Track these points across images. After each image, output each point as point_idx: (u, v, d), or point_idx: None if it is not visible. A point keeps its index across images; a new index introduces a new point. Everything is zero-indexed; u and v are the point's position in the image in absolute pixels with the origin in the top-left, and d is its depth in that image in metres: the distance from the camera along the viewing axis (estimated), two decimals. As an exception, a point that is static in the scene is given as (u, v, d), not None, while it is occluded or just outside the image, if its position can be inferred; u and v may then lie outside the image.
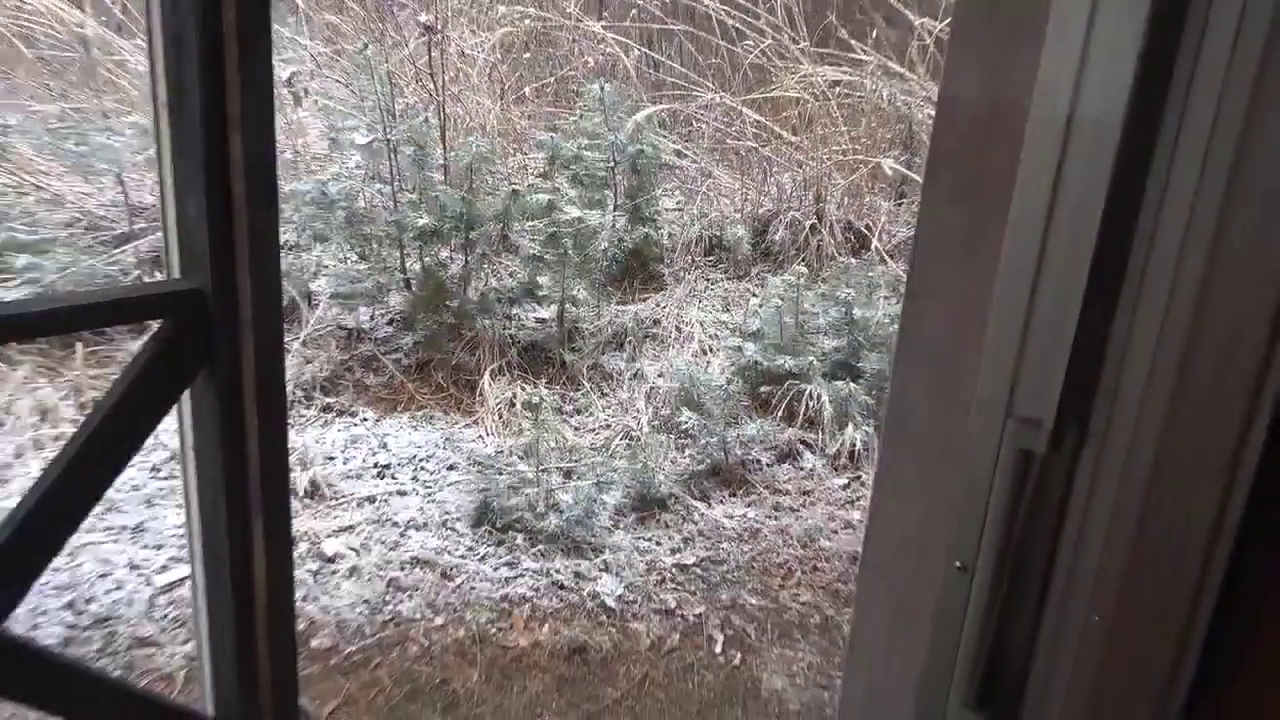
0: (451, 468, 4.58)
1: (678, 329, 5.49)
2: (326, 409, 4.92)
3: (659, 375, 5.17)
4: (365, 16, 6.77)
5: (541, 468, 4.24)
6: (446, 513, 4.22)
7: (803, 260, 5.85)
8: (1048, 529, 0.72)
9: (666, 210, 6.22)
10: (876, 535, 0.85)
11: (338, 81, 6.60)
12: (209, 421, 1.80)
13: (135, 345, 4.74)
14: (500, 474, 4.26)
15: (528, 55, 7.32)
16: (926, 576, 0.81)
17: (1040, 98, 0.66)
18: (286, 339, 5.17)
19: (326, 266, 5.78)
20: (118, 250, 5.14)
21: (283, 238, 5.60)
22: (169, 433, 4.46)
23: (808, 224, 6.00)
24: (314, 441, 4.64)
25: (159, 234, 4.02)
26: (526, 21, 7.25)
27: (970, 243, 0.75)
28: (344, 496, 4.32)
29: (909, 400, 0.83)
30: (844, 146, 6.41)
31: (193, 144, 1.64)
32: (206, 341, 1.79)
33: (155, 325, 1.75)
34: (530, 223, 5.40)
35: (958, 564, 0.77)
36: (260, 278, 1.83)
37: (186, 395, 1.79)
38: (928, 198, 0.76)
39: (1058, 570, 0.73)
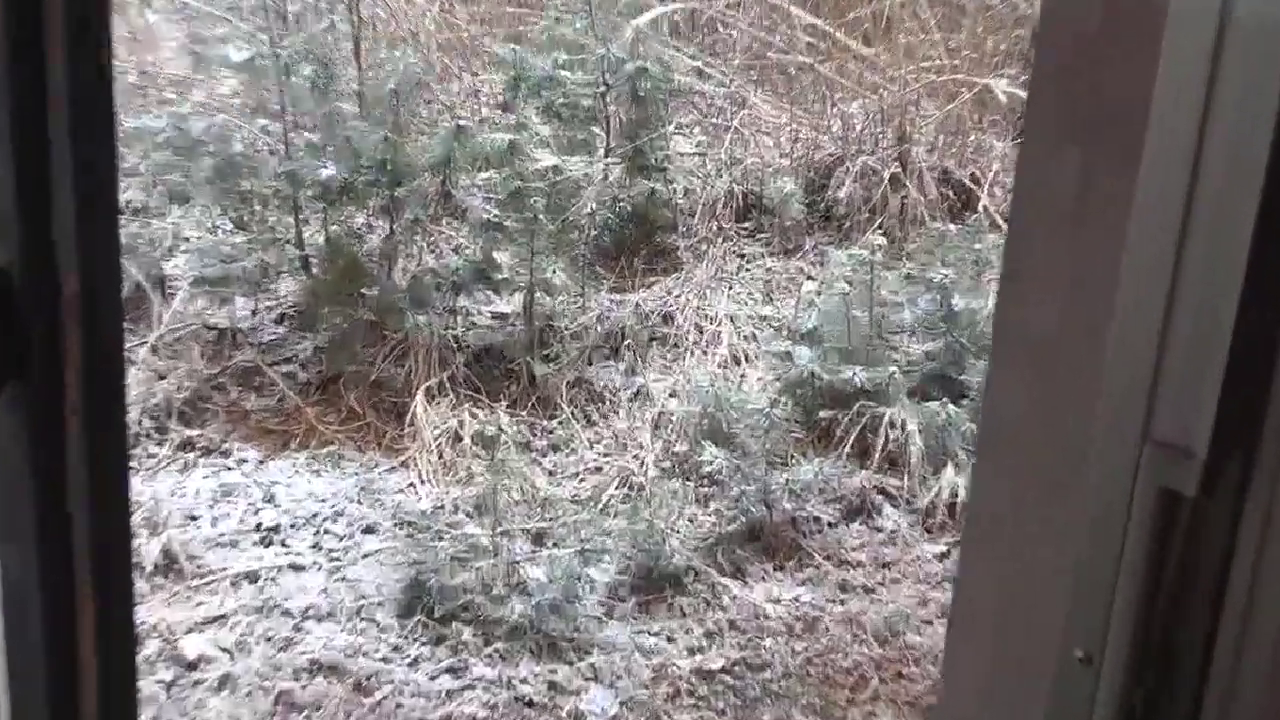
0: (369, 530, 4.61)
1: (698, 328, 5.52)
2: (187, 445, 4.96)
3: (671, 395, 5.20)
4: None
5: (501, 530, 4.27)
6: (362, 596, 4.25)
7: (879, 227, 5.88)
8: (1203, 605, 0.74)
9: (682, 156, 6.26)
10: (965, 607, 0.88)
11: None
12: (15, 459, 1.83)
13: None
14: (440, 539, 4.29)
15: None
16: (1035, 667, 0.82)
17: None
18: (129, 343, 5.22)
19: (188, 238, 5.84)
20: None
21: (123, 196, 5.67)
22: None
23: (886, 174, 6.03)
24: (169, 493, 4.68)
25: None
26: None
27: (1084, 199, 0.77)
28: (212, 572, 4.35)
29: (1007, 418, 0.85)
30: (938, 62, 6.45)
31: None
32: (14, 343, 1.82)
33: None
34: (484, 174, 5.44)
35: (1078, 654, 0.78)
36: (92, 251, 1.87)
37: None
38: (1030, 138, 0.78)
39: (1217, 664, 0.74)
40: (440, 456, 4.85)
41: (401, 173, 5.02)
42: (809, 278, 5.79)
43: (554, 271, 5.16)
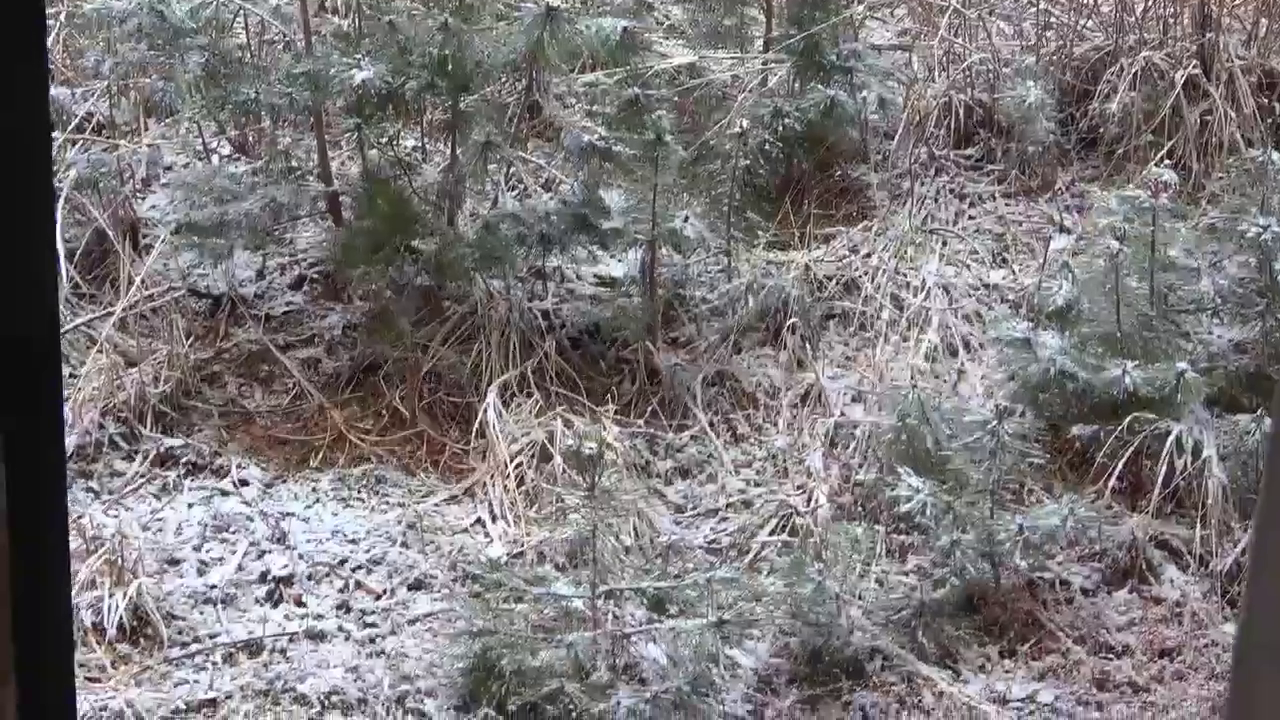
0: (418, 585, 4.68)
1: (896, 301, 5.50)
2: (166, 459, 5.08)
3: (854, 399, 5.18)
4: None
5: (604, 589, 4.31)
6: (406, 678, 4.31)
7: (1167, 156, 5.79)
8: None
9: (875, 50, 6.23)
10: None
11: None
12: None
13: None
14: (518, 601, 4.34)
15: None
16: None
17: None
18: (85, 315, 5.37)
19: (169, 167, 5.99)
20: None
21: (79, 107, 5.84)
22: None
23: (1179, 77, 5.94)
24: (140, 526, 4.81)
25: None
26: None
27: None
28: (199, 640, 4.46)
29: None
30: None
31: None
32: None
33: None
34: (586, 77, 5.48)
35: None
36: (16, 183, 1.95)
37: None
38: None
39: None
40: (520, 482, 4.90)
41: (468, 75, 5.07)
42: (1061, 229, 5.73)
43: (686, 219, 5.18)
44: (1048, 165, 5.96)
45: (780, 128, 5.66)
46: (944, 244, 5.73)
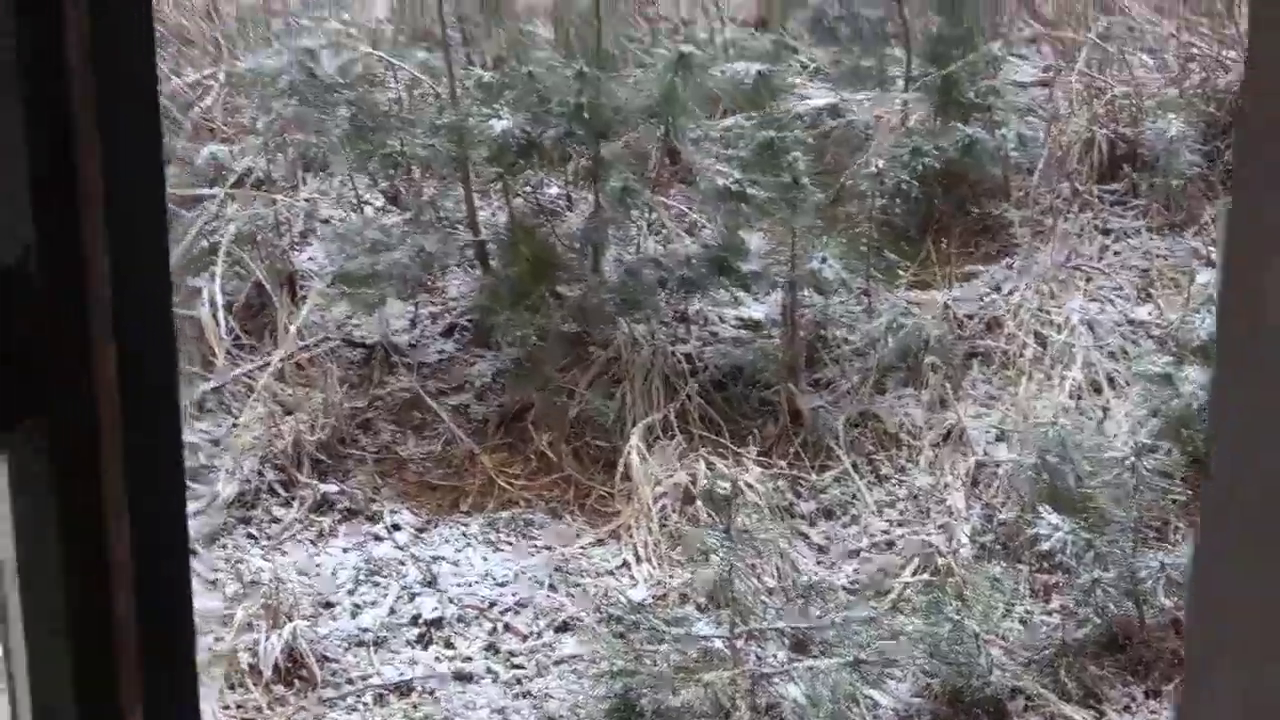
0: (564, 628, 4.75)
1: (1039, 339, 5.47)
2: (322, 505, 5.21)
3: (996, 438, 5.17)
4: None
5: (743, 629, 4.35)
6: (552, 718, 4.36)
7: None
8: None
9: (1015, 86, 6.21)
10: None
11: None
12: (38, 521, 2.01)
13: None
14: (661, 641, 4.38)
15: None
16: None
17: None
18: (245, 365, 5.53)
19: (327, 220, 6.14)
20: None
21: (239, 163, 6.02)
22: None
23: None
24: (297, 571, 4.93)
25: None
26: None
27: None
28: (350, 681, 4.56)
29: (1228, 529, 0.87)
30: None
31: None
32: (31, 367, 2.00)
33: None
34: (724, 121, 5.53)
35: None
36: (130, 241, 2.04)
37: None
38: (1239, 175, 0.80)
39: None
40: (663, 524, 4.96)
41: (606, 122, 5.15)
42: (1207, 263, 5.67)
43: (824, 260, 5.21)
44: (1192, 199, 5.90)
45: (919, 167, 5.66)
46: (1088, 280, 5.69)
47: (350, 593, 4.88)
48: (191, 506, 5.10)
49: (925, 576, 4.76)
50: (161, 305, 2.23)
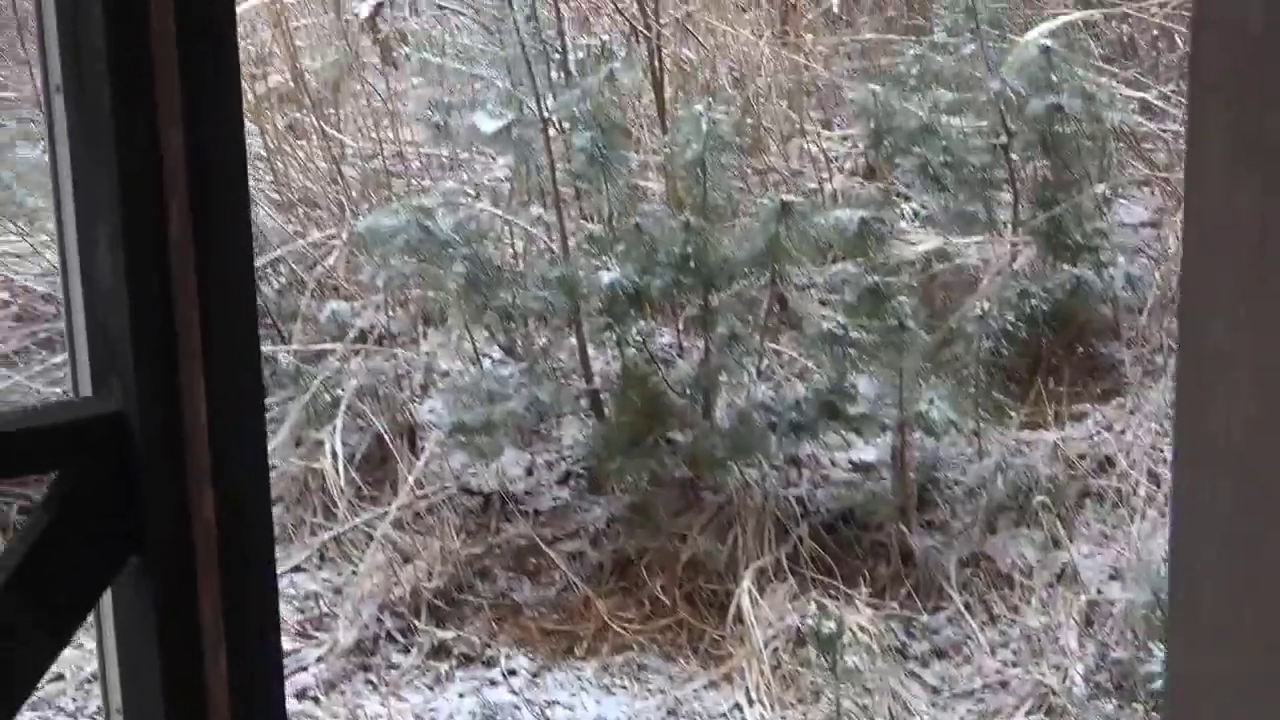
0: (678, 771, 4.77)
1: (1153, 477, 5.45)
2: (439, 651, 5.29)
3: (1110, 576, 5.15)
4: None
5: (852, 770, 4.35)
6: None
7: None
8: None
9: (1123, 227, 6.24)
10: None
11: (459, 11, 7.24)
12: (142, 658, 2.11)
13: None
14: (771, 782, 4.41)
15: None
16: None
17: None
18: (366, 514, 5.65)
19: (445, 372, 6.29)
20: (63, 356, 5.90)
21: (360, 320, 6.19)
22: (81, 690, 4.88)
23: None
24: (414, 716, 5.00)
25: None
26: None
27: (1267, 247, 0.84)
28: (464, 824, 4.62)
29: (1194, 537, 0.91)
30: None
31: (99, 148, 1.99)
32: (133, 508, 2.11)
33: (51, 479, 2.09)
34: (831, 268, 5.61)
35: None
36: (228, 387, 2.16)
37: (105, 602, 2.12)
38: (1193, 162, 0.87)
39: None
40: (776, 666, 4.98)
41: (712, 271, 5.26)
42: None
43: (933, 401, 5.25)
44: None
45: (1027, 308, 5.71)
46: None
47: (467, 738, 4.95)
48: (312, 654, 5.22)
49: (1040, 717, 4.73)
50: (257, 450, 2.35)
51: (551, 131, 5.65)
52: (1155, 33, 6.95)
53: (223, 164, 2.09)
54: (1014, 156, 6.06)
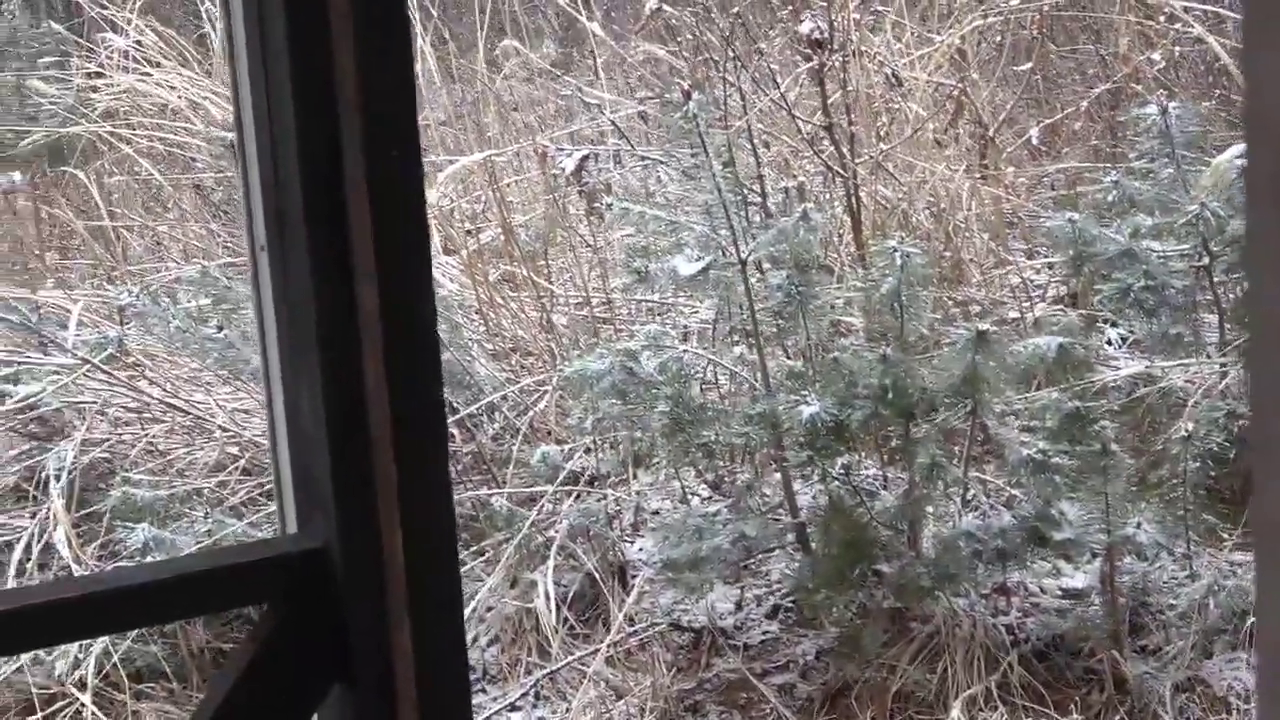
0: None
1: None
2: (652, 785, 5.38)
3: (1331, 697, 5.06)
4: (691, 40, 7.65)
5: None
6: None
7: None
8: None
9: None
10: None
11: (657, 161, 7.46)
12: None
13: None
14: None
15: (1024, 66, 7.81)
16: None
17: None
18: (578, 651, 5.77)
19: (655, 511, 6.42)
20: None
21: (574, 461, 6.36)
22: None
23: None
24: None
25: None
26: (1015, 3, 7.78)
27: None
28: None
29: (1277, 621, 0.94)
30: None
31: (301, 305, 2.16)
32: (336, 638, 2.27)
33: (261, 612, 2.25)
34: (1032, 394, 5.64)
35: None
36: (422, 523, 2.31)
37: (312, 731, 2.25)
38: (1254, 260, 0.88)
39: None
40: (995, 797, 4.99)
41: (910, 402, 5.33)
42: None
43: (1139, 525, 5.24)
44: None
45: (1235, 429, 5.67)
46: None
47: None
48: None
49: (1260, 843, 4.66)
50: (450, 582, 2.48)
51: (752, 271, 5.79)
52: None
53: (413, 317, 2.24)
54: (1216, 277, 6.05)
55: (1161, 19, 8.01)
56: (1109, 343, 6.64)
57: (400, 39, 2.14)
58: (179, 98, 8.64)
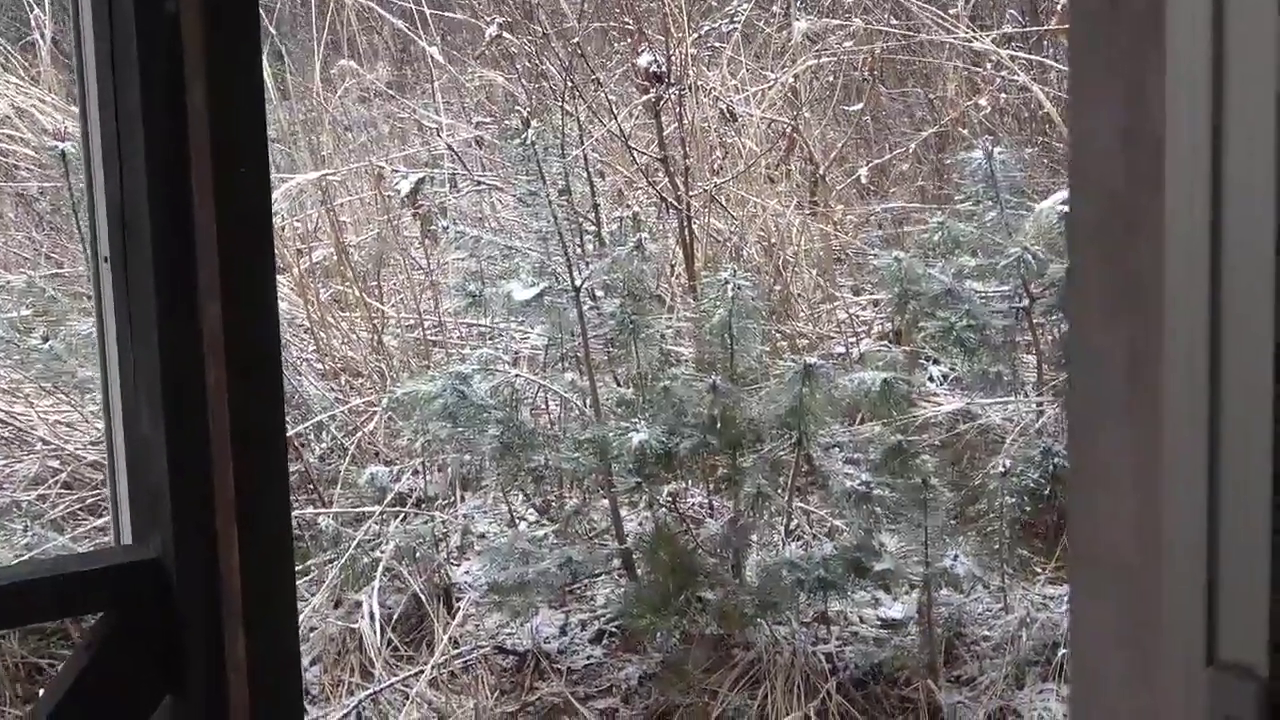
0: None
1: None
2: (472, 809, 5.38)
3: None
4: (529, 68, 7.70)
5: None
6: None
7: None
8: None
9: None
10: None
11: (493, 186, 7.49)
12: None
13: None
14: None
15: (856, 106, 7.96)
16: None
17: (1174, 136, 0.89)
18: (402, 673, 5.76)
19: (481, 534, 6.43)
20: (106, 518, 6.06)
21: (399, 484, 6.35)
22: None
23: None
24: None
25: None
26: (848, 45, 7.93)
27: (1133, 374, 0.96)
28: None
29: (1092, 650, 1.02)
30: None
31: (143, 318, 2.16)
32: (170, 649, 2.26)
33: (92, 621, 2.24)
34: (856, 428, 5.74)
35: None
36: (259, 537, 2.31)
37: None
38: (1077, 303, 0.97)
39: None
40: (806, 823, 5.05)
41: (739, 432, 5.40)
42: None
43: (958, 558, 5.34)
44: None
45: (1050, 466, 5.81)
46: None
47: None
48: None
49: None
50: (287, 598, 2.49)
51: (586, 299, 5.84)
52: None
53: (256, 333, 2.25)
54: (1035, 319, 6.19)
55: (988, 66, 8.20)
56: (931, 379, 6.77)
57: (250, 53, 2.15)
58: (6, 104, 8.49)
